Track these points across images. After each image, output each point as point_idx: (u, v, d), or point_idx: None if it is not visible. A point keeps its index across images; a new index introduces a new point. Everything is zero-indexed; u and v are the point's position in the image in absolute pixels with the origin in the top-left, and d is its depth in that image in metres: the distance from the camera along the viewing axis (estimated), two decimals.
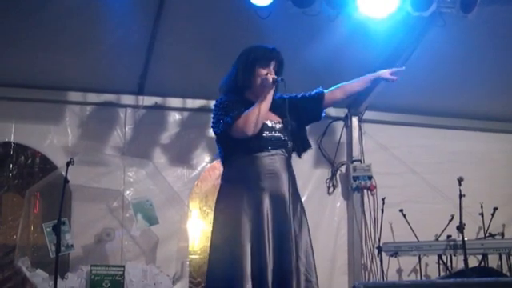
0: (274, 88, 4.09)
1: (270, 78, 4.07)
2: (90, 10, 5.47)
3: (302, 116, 4.30)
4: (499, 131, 7.69)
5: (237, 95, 4.14)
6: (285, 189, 4.06)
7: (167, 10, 5.58)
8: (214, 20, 5.73)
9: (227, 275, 3.88)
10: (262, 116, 4.02)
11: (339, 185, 7.22)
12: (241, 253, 3.86)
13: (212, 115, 4.19)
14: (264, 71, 4.11)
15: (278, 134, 4.13)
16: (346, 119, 7.28)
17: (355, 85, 4.47)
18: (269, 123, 4.13)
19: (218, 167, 4.21)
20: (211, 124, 4.20)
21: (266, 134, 4.08)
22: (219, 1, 5.51)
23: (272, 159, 4.07)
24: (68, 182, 5.58)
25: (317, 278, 4.08)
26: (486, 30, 5.91)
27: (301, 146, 4.29)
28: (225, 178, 4.15)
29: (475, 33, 5.86)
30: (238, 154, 4.07)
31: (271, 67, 4.13)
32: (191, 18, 5.74)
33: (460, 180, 6.20)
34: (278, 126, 4.16)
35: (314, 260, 4.08)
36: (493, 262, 6.62)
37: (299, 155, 4.30)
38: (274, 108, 4.15)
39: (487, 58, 6.38)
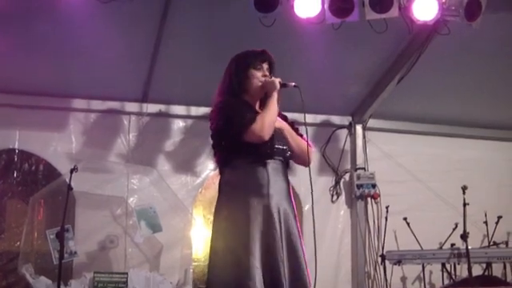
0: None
1: (277, 81, 4.06)
2: (95, 18, 5.49)
3: None
4: (504, 139, 7.69)
5: (236, 98, 4.11)
6: (289, 198, 4.04)
7: (171, 18, 5.60)
8: (219, 28, 5.75)
9: (233, 283, 3.78)
10: (275, 121, 4.00)
11: (343, 193, 7.22)
12: (250, 262, 3.76)
13: (215, 116, 4.03)
14: (259, 73, 4.11)
15: (281, 142, 4.11)
16: (350, 127, 7.28)
17: None
18: None
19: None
20: (215, 125, 4.02)
21: (275, 140, 4.02)
22: (224, 9, 5.53)
23: (277, 167, 4.02)
24: (72, 189, 5.58)
25: None
26: (493, 37, 5.92)
27: None
28: (228, 182, 4.02)
29: (481, 40, 5.86)
30: (244, 158, 3.95)
31: (264, 68, 4.13)
32: (195, 26, 5.75)
33: (464, 188, 6.19)
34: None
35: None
36: (497, 270, 6.61)
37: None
38: None
39: (493, 66, 6.39)
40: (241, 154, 3.95)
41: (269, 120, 3.92)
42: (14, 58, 5.81)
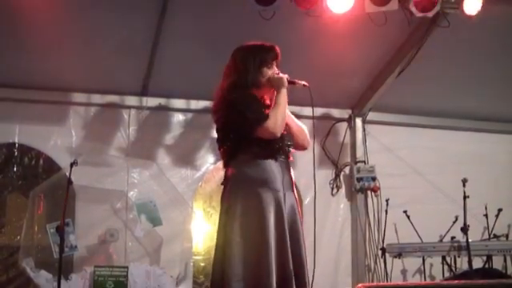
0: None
1: (285, 77, 4.10)
2: (94, 12, 5.48)
3: None
4: (504, 132, 7.67)
5: (245, 91, 4.11)
6: (294, 192, 4.12)
7: (171, 11, 5.59)
8: (218, 21, 5.74)
9: (252, 278, 3.80)
10: (285, 117, 4.07)
11: (343, 186, 7.21)
12: (269, 258, 3.79)
13: (224, 110, 4.04)
14: (270, 71, 4.14)
15: (287, 136, 4.16)
16: (350, 120, 7.26)
17: None
18: None
19: (222, 168, 4.17)
20: (224, 118, 4.05)
21: (285, 136, 4.11)
22: (224, 2, 5.52)
23: (284, 162, 4.09)
24: (72, 182, 5.60)
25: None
26: (492, 30, 5.91)
27: None
28: (236, 176, 4.00)
29: (481, 33, 5.85)
30: (253, 153, 3.98)
31: (274, 66, 4.17)
32: (195, 19, 5.75)
33: (464, 181, 6.20)
34: None
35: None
36: (497, 263, 6.61)
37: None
38: None
39: (493, 59, 6.38)
40: (250, 148, 3.99)
41: (281, 117, 3.99)
42: (13, 52, 5.80)
